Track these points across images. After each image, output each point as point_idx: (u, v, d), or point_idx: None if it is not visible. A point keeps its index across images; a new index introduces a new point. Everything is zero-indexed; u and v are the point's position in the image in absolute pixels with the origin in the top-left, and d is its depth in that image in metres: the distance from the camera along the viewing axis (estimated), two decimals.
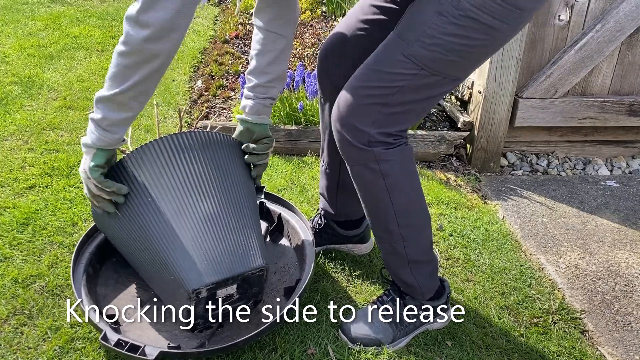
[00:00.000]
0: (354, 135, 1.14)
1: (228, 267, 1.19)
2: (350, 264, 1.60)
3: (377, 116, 1.12)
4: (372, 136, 1.13)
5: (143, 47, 1.03)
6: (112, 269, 1.46)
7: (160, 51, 1.05)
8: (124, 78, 1.07)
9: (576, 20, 2.20)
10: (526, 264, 1.72)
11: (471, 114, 2.36)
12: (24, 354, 1.22)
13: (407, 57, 1.09)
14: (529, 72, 2.29)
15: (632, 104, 2.33)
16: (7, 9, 3.80)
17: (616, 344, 1.44)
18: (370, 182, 1.19)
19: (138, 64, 1.05)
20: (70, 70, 2.86)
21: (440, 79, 1.11)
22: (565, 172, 2.43)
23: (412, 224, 1.25)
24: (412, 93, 1.12)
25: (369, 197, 1.23)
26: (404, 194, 1.21)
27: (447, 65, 1.09)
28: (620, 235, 1.91)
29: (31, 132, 2.19)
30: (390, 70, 1.10)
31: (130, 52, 1.04)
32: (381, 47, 1.15)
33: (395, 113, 1.13)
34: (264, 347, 1.28)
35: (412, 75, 1.09)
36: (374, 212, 1.25)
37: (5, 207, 1.70)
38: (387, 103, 1.11)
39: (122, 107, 1.11)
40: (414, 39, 1.08)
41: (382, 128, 1.13)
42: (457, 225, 1.87)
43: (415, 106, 1.15)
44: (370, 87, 1.12)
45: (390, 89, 1.10)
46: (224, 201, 1.24)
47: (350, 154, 1.17)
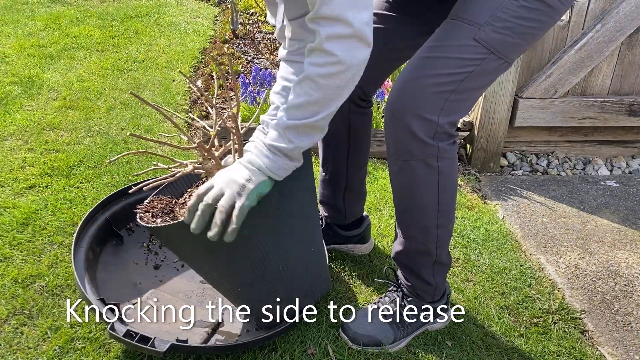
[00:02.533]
0: (421, 126, 1.10)
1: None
2: (350, 264, 1.60)
3: (447, 104, 1.09)
4: (440, 126, 1.10)
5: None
6: (112, 251, 1.47)
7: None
8: (330, 101, 1.00)
9: (576, 20, 2.20)
10: (526, 264, 1.72)
11: (471, 114, 2.36)
12: (24, 354, 1.22)
13: (478, 42, 1.07)
14: (529, 72, 2.29)
15: (632, 104, 2.33)
16: (7, 9, 3.79)
17: (616, 344, 1.44)
18: (422, 180, 1.16)
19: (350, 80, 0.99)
20: (70, 70, 2.86)
21: (502, 63, 1.12)
22: (565, 172, 2.43)
23: (448, 224, 1.24)
24: (479, 78, 1.11)
25: (414, 196, 1.19)
26: (450, 194, 1.20)
27: (514, 48, 1.10)
28: (620, 235, 1.91)
29: (31, 132, 2.18)
30: (460, 55, 1.08)
31: (344, 70, 0.96)
32: (439, 34, 1.12)
33: (462, 100, 1.11)
34: (264, 347, 1.28)
35: (481, 60, 1.08)
36: (415, 211, 1.21)
37: (5, 207, 1.70)
38: (456, 90, 1.09)
39: (316, 130, 1.04)
40: (484, 23, 1.07)
41: (449, 117, 1.11)
42: (457, 225, 1.87)
43: (476, 93, 1.14)
44: (439, 75, 1.09)
45: (460, 75, 1.08)
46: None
47: (411, 147, 1.12)
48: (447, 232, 1.25)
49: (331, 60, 0.95)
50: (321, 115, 1.01)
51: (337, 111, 1.08)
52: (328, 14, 0.92)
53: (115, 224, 1.50)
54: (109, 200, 1.51)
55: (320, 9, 0.92)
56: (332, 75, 0.96)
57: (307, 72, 0.98)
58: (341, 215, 1.57)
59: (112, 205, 1.51)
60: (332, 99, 1.00)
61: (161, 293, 1.36)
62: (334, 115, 1.05)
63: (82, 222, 1.42)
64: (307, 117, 1.00)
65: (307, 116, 1.00)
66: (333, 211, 1.57)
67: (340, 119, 1.38)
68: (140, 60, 3.08)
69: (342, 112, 1.37)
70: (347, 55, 0.94)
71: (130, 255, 1.48)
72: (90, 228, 1.44)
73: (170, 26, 3.72)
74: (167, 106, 2.56)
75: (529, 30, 1.09)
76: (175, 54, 3.19)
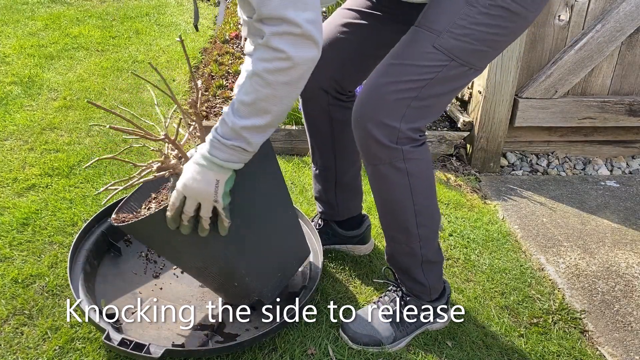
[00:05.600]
0: (383, 132, 1.11)
1: None
2: (350, 264, 1.60)
3: (407, 110, 1.10)
4: (402, 132, 1.11)
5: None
6: (111, 263, 1.47)
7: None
8: (279, 99, 0.99)
9: (576, 20, 2.20)
10: (526, 264, 1.72)
11: (471, 114, 2.36)
12: (24, 354, 1.22)
13: (437, 49, 1.08)
14: (529, 72, 2.29)
15: (632, 104, 2.33)
16: (7, 9, 3.79)
17: (616, 344, 1.44)
18: (394, 182, 1.17)
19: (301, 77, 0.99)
20: (70, 70, 2.86)
21: (467, 70, 1.12)
22: (565, 172, 2.43)
23: (429, 223, 1.24)
24: (441, 85, 1.11)
25: (389, 197, 1.21)
26: (425, 193, 1.21)
27: (476, 55, 1.10)
28: (620, 235, 1.91)
29: (31, 132, 2.18)
30: (419, 63, 1.09)
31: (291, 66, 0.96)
32: (404, 41, 1.13)
33: (424, 107, 1.12)
34: (264, 347, 1.28)
35: (442, 67, 1.09)
36: (394, 213, 1.23)
37: (5, 207, 1.70)
38: (418, 97, 1.10)
39: (270, 127, 1.04)
40: (443, 30, 1.08)
41: (411, 123, 1.12)
42: (457, 225, 1.87)
43: (442, 99, 1.15)
44: (399, 82, 1.10)
45: (420, 82, 1.09)
46: None
47: (377, 152, 1.14)
48: (429, 230, 1.25)
49: (279, 56, 0.94)
50: (271, 114, 1.00)
51: (316, 104, 1.07)
52: (268, 14, 0.92)
53: (112, 237, 1.50)
54: (104, 214, 1.50)
55: (260, 10, 0.93)
56: (279, 70, 0.95)
57: (255, 67, 0.97)
58: (334, 211, 1.57)
59: (108, 218, 1.50)
60: (281, 97, 0.98)
61: (161, 300, 1.37)
62: (314, 107, 1.05)
63: (78, 237, 1.42)
64: (257, 116, 1.00)
65: (257, 114, 1.00)
66: (326, 207, 1.57)
67: (319, 112, 1.39)
68: (140, 60, 3.08)
69: (320, 105, 1.39)
70: (294, 51, 0.94)
71: (129, 266, 1.47)
72: (86, 242, 1.44)
73: (170, 26, 3.72)
74: (167, 106, 2.56)
75: (491, 37, 1.09)
76: (175, 54, 3.19)
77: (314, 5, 0.94)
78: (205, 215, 1.07)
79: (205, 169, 1.03)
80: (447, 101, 1.18)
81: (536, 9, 1.11)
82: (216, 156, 1.02)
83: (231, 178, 1.06)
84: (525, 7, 1.08)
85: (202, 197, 1.05)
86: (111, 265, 1.47)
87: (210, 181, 1.03)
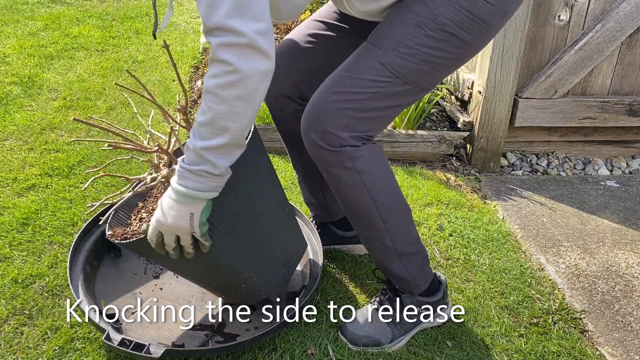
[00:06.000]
0: (325, 139, 1.14)
1: None
2: (350, 264, 1.60)
3: (349, 121, 1.13)
4: (345, 139, 1.14)
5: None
6: (111, 264, 1.47)
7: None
8: (236, 115, 0.96)
9: (576, 20, 2.20)
10: (526, 264, 1.72)
11: (471, 114, 2.36)
12: (24, 354, 1.22)
13: (382, 65, 1.12)
14: (529, 72, 2.29)
15: (632, 104, 2.33)
16: (7, 9, 3.79)
17: (616, 344, 1.44)
18: (348, 182, 1.19)
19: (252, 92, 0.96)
20: (70, 70, 2.86)
21: (411, 88, 1.15)
22: (565, 172, 2.43)
23: (395, 216, 1.25)
24: (383, 100, 1.14)
25: (348, 197, 1.23)
26: (382, 188, 1.22)
27: (420, 75, 1.14)
28: (620, 235, 1.91)
29: (31, 132, 2.18)
30: (365, 76, 1.13)
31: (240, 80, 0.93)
32: (355, 54, 1.17)
33: (366, 118, 1.15)
34: (264, 347, 1.28)
35: (385, 83, 1.12)
36: (356, 211, 1.25)
37: (5, 207, 1.70)
38: (359, 108, 1.13)
39: (233, 147, 1.01)
40: (390, 48, 1.11)
41: (353, 132, 1.15)
42: (457, 225, 1.87)
43: (385, 112, 1.18)
44: (343, 92, 1.13)
45: (363, 94, 1.13)
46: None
47: (324, 157, 1.17)
48: (397, 223, 1.25)
49: (227, 69, 0.92)
50: (230, 132, 0.97)
51: (283, 112, 1.13)
52: (214, 24, 0.91)
53: None
54: (103, 215, 1.50)
55: (207, 22, 0.92)
56: (230, 84, 0.92)
57: (206, 85, 0.95)
58: (327, 212, 1.58)
59: (108, 218, 1.50)
60: (237, 113, 0.95)
61: (161, 300, 1.37)
62: (282, 115, 1.07)
63: (78, 237, 1.42)
64: (217, 135, 0.97)
65: (216, 134, 0.97)
66: (318, 210, 1.58)
67: (289, 118, 1.42)
68: (140, 60, 3.08)
69: (288, 112, 1.41)
70: (242, 62, 0.91)
71: (129, 266, 1.47)
72: (86, 242, 1.44)
73: (170, 26, 3.72)
74: (166, 106, 2.56)
75: (435, 60, 1.12)
76: (175, 54, 3.19)
77: (263, 17, 0.92)
78: (186, 244, 1.07)
79: (178, 204, 1.01)
80: (391, 115, 1.21)
81: (482, 37, 1.14)
82: (185, 186, 1.00)
83: (207, 207, 1.04)
84: (471, 34, 1.11)
85: (178, 231, 1.04)
86: (111, 266, 1.47)
87: (184, 215, 1.02)
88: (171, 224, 1.03)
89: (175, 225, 1.03)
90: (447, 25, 1.09)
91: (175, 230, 1.04)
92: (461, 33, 1.10)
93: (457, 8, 1.08)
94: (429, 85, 1.18)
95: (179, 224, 1.02)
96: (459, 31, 1.09)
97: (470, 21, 1.09)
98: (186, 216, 1.02)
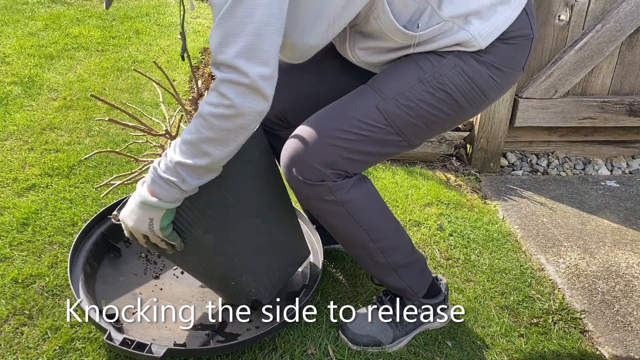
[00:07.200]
0: (306, 172, 1.12)
1: None
2: (350, 264, 1.60)
3: (336, 159, 1.12)
4: (326, 175, 1.13)
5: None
6: (111, 264, 1.47)
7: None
8: (220, 143, 1.00)
9: (576, 20, 2.20)
10: (526, 264, 1.72)
11: None
12: (24, 354, 1.22)
13: (379, 110, 1.12)
14: (529, 72, 2.29)
15: (632, 104, 2.33)
16: (7, 9, 3.79)
17: (616, 344, 1.44)
18: (331, 213, 1.18)
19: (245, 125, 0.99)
20: (70, 70, 2.86)
21: (399, 141, 1.15)
22: (565, 172, 2.43)
23: (386, 234, 1.24)
24: (372, 145, 1.14)
25: (334, 227, 1.22)
26: (369, 213, 1.20)
27: (412, 128, 1.14)
28: (620, 235, 1.91)
29: (31, 132, 2.18)
30: (360, 118, 1.12)
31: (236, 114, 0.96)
32: (352, 94, 1.17)
33: (350, 159, 1.13)
34: (264, 347, 1.28)
35: (378, 129, 1.12)
36: (346, 238, 1.24)
37: (5, 207, 1.70)
38: (348, 148, 1.12)
39: (209, 171, 1.05)
40: (390, 96, 1.12)
41: (335, 169, 1.13)
42: (457, 225, 1.87)
43: (369, 158, 1.17)
44: (336, 130, 1.12)
45: (355, 135, 1.12)
46: None
47: (303, 190, 1.16)
48: (388, 241, 1.24)
49: (224, 103, 0.95)
50: (210, 158, 1.00)
51: (265, 134, 1.14)
52: (222, 60, 0.94)
53: (112, 237, 1.50)
54: (103, 215, 1.50)
55: (216, 56, 0.95)
56: (224, 117, 0.96)
57: (201, 109, 0.98)
58: None
59: (108, 219, 1.50)
60: (222, 142, 0.99)
61: (161, 300, 1.37)
62: (265, 136, 1.11)
63: (78, 237, 1.42)
64: (196, 157, 1.00)
65: (196, 155, 1.00)
66: None
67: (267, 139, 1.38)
68: (140, 60, 3.08)
69: (264, 125, 1.36)
70: (240, 101, 0.94)
71: (129, 267, 1.47)
72: (86, 243, 1.44)
73: (170, 26, 3.71)
74: (167, 106, 2.56)
75: (430, 117, 1.13)
76: (175, 54, 3.19)
77: (270, 62, 0.95)
78: (157, 242, 1.11)
79: (138, 208, 1.06)
80: (373, 162, 1.22)
81: (477, 106, 1.16)
82: (151, 190, 1.04)
83: (169, 212, 1.07)
84: (468, 101, 1.13)
85: (140, 233, 1.10)
86: (111, 266, 1.47)
87: (143, 220, 1.07)
88: (132, 227, 1.09)
89: (135, 228, 1.09)
90: (448, 87, 1.11)
91: (136, 232, 1.10)
92: (459, 97, 1.12)
93: (460, 73, 1.10)
94: (416, 142, 1.19)
95: (139, 227, 1.08)
96: (458, 95, 1.12)
97: (470, 88, 1.12)
98: (145, 221, 1.07)
